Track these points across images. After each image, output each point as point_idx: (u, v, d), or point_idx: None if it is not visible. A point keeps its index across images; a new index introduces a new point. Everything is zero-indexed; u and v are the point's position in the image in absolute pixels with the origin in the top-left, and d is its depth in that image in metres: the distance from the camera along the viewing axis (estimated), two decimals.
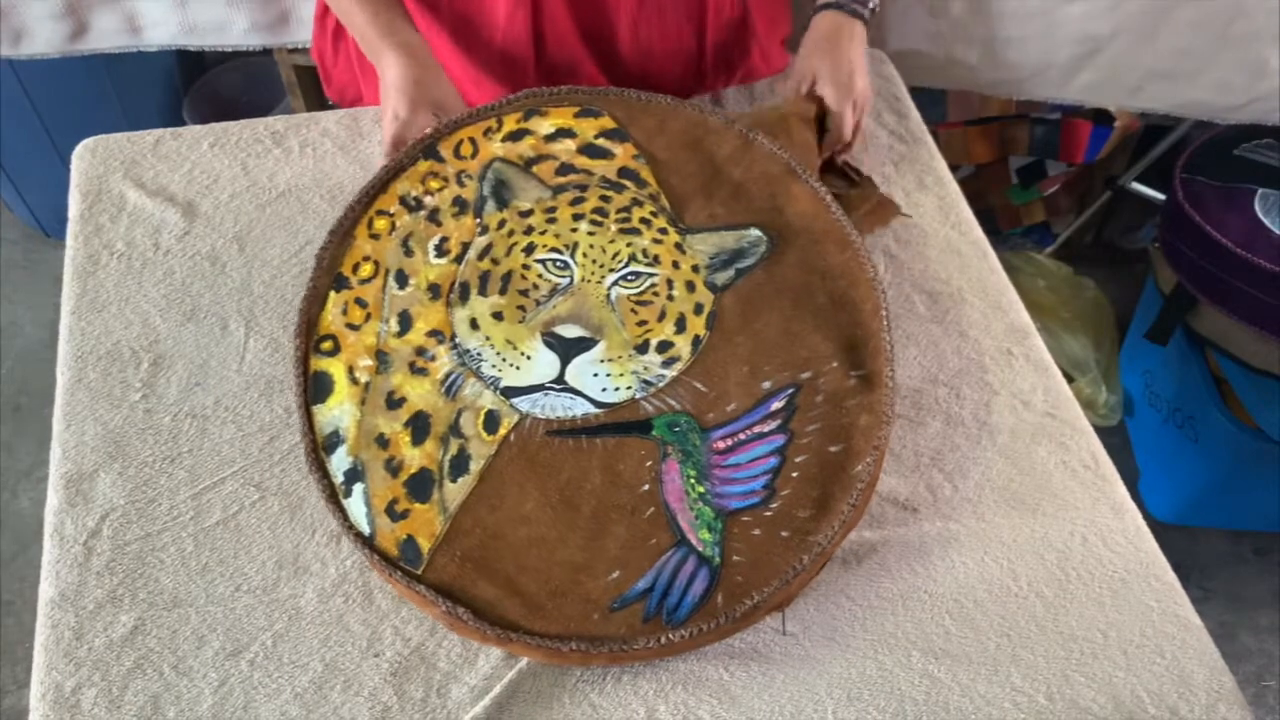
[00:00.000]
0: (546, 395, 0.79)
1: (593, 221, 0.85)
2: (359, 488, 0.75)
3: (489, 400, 0.79)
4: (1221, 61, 1.20)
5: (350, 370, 0.79)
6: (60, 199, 1.03)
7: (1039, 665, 0.75)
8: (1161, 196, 1.73)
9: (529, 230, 0.85)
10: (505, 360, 0.79)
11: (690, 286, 0.84)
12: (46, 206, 2.02)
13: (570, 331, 0.80)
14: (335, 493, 0.75)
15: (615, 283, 0.83)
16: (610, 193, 0.87)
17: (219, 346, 0.90)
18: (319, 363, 0.80)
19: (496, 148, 0.89)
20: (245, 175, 1.02)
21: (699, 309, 0.83)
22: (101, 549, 0.78)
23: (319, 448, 0.76)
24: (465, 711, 0.72)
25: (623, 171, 0.88)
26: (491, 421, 0.78)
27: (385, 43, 0.91)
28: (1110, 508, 0.83)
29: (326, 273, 0.83)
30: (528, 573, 0.72)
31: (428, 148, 0.89)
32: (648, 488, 0.76)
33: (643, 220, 0.86)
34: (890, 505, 0.82)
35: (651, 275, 0.83)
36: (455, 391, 0.79)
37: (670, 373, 0.80)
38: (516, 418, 0.78)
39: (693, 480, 0.76)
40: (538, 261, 0.83)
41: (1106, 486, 0.84)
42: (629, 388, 0.79)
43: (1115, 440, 1.78)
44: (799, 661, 0.75)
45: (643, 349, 0.81)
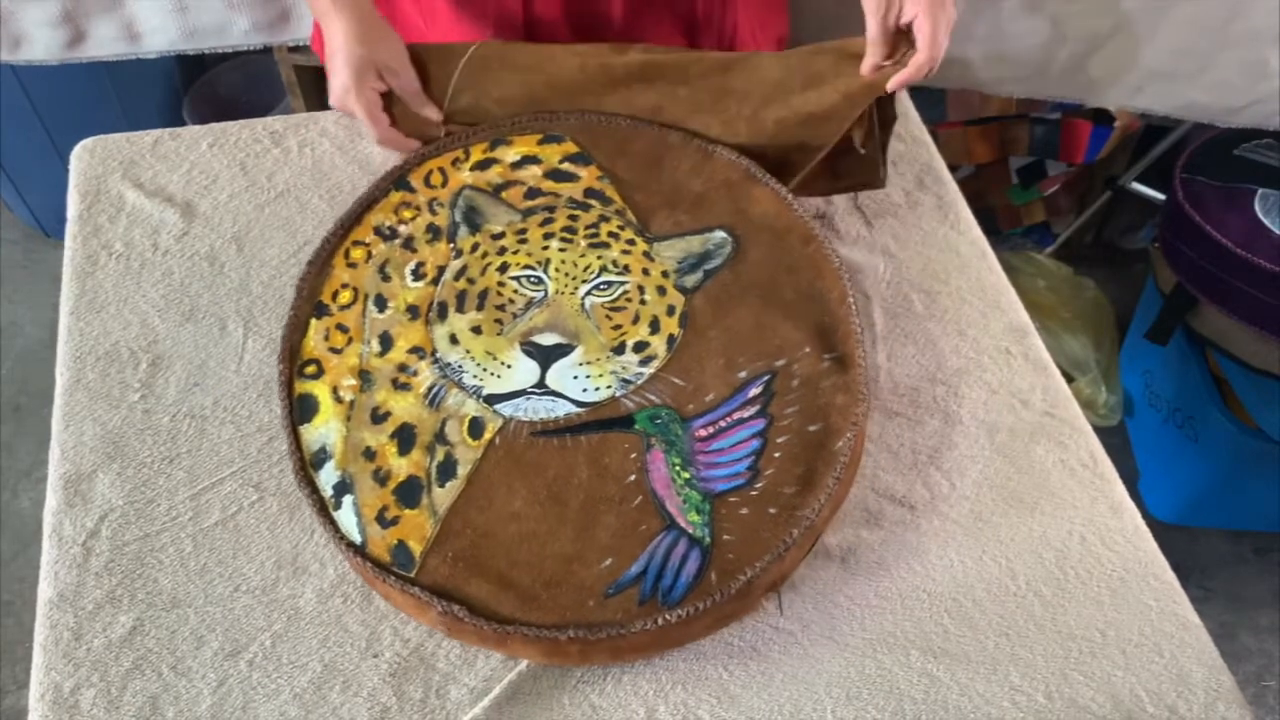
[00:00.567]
0: (529, 399, 0.80)
1: (563, 239, 0.88)
2: (348, 499, 0.76)
3: (472, 408, 0.79)
4: (1221, 62, 1.20)
5: (334, 390, 0.81)
6: (60, 199, 1.03)
7: (1038, 664, 0.75)
8: (1161, 196, 1.73)
9: (502, 250, 0.87)
10: (486, 370, 0.81)
11: (661, 290, 0.86)
12: (46, 206, 2.02)
13: (548, 339, 0.82)
14: (325, 506, 0.76)
15: (588, 292, 0.85)
16: (578, 211, 0.90)
17: (217, 347, 0.90)
18: (303, 385, 0.81)
19: (465, 176, 0.92)
20: (244, 175, 1.02)
21: (671, 310, 0.85)
22: (100, 549, 0.78)
23: (307, 464, 0.77)
24: (464, 712, 0.72)
25: (588, 192, 0.91)
26: (476, 427, 0.79)
27: (333, 5, 0.92)
28: (1109, 507, 0.83)
29: (307, 301, 0.85)
30: (520, 567, 0.73)
31: (398, 179, 0.92)
32: (634, 478, 0.76)
33: (610, 234, 0.88)
34: (888, 504, 0.83)
35: (623, 283, 0.85)
36: (439, 402, 0.80)
37: (648, 370, 0.81)
38: (501, 422, 0.79)
39: (678, 467, 0.76)
40: (512, 278, 0.86)
41: (1105, 485, 0.84)
42: (609, 387, 0.80)
43: (1115, 440, 1.78)
44: (798, 660, 0.75)
45: (619, 350, 0.82)
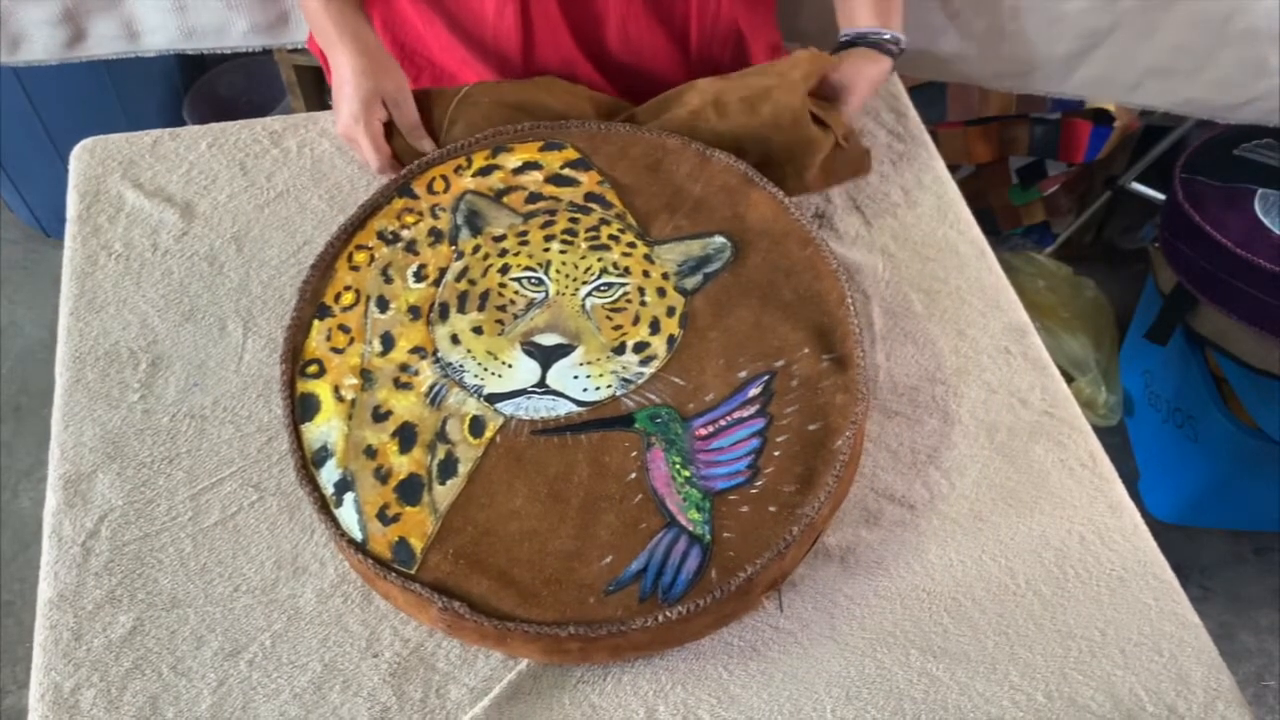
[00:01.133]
0: (529, 398, 0.80)
1: (563, 241, 0.88)
2: (349, 497, 0.76)
3: (473, 407, 0.80)
4: (1221, 59, 1.20)
5: (336, 389, 0.81)
6: (60, 199, 1.03)
7: (1037, 663, 0.75)
8: (1161, 196, 1.73)
9: (503, 252, 0.88)
10: (487, 370, 0.81)
11: (661, 292, 0.86)
12: (46, 206, 2.02)
13: (548, 339, 0.82)
14: (326, 503, 0.76)
15: (589, 294, 0.85)
16: (579, 215, 0.90)
17: (217, 347, 0.90)
18: (305, 385, 0.81)
19: (467, 182, 0.93)
20: (243, 175, 1.02)
21: (671, 311, 0.85)
22: (100, 550, 0.78)
23: (308, 462, 0.78)
24: (464, 712, 0.72)
25: (589, 196, 0.92)
26: (477, 426, 0.79)
27: (339, 36, 0.94)
28: (1108, 506, 0.83)
29: (310, 303, 0.85)
30: (521, 564, 0.73)
31: (402, 186, 0.93)
32: (634, 476, 0.77)
33: (611, 237, 0.89)
34: (888, 503, 0.83)
35: (623, 284, 0.86)
36: (440, 401, 0.80)
37: (648, 370, 0.82)
38: (501, 420, 0.79)
39: (678, 465, 0.77)
40: (513, 280, 0.86)
41: (1104, 485, 0.84)
42: (609, 386, 0.81)
43: (1115, 440, 1.78)
44: (797, 660, 0.75)
45: (620, 350, 0.82)
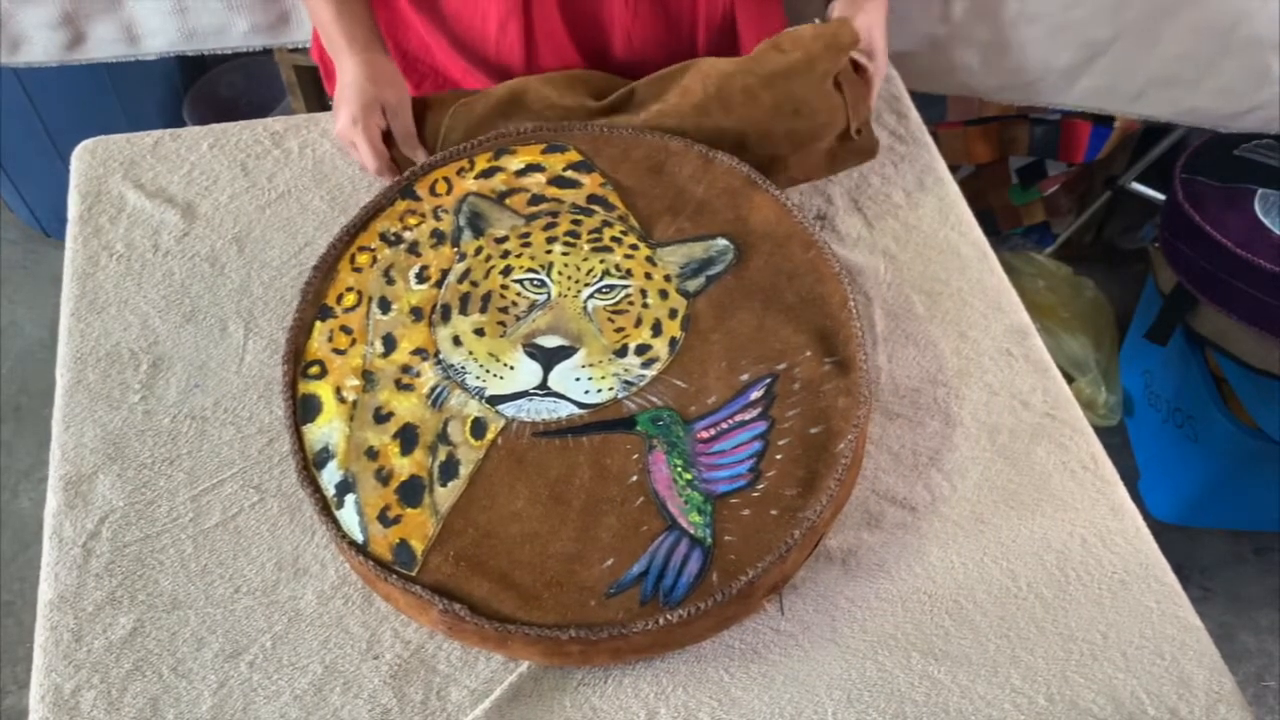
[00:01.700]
0: (531, 400, 0.80)
1: (566, 243, 0.88)
2: (350, 498, 0.76)
3: (475, 408, 0.80)
4: (1223, 68, 1.20)
5: (338, 390, 0.81)
6: (60, 199, 1.03)
7: (1038, 666, 0.75)
8: (1161, 196, 1.73)
9: (505, 254, 0.88)
10: (489, 371, 0.81)
11: (663, 294, 0.86)
12: (46, 206, 2.02)
13: (550, 341, 0.82)
14: (328, 505, 0.76)
15: (591, 295, 0.85)
16: (581, 216, 0.90)
17: (218, 348, 0.90)
18: (307, 386, 0.81)
19: (470, 184, 0.93)
20: (245, 176, 1.02)
21: (673, 314, 0.85)
22: (100, 551, 0.78)
23: (309, 464, 0.78)
24: (465, 714, 0.72)
25: (591, 198, 0.92)
26: (479, 427, 0.79)
27: (346, 43, 0.96)
28: (1110, 508, 0.83)
29: (312, 304, 0.85)
30: (522, 567, 0.73)
31: (404, 188, 0.93)
32: (636, 479, 0.77)
33: (613, 239, 0.89)
34: (890, 505, 0.83)
35: (625, 287, 0.86)
36: (441, 403, 0.80)
37: (650, 373, 0.82)
38: (503, 422, 0.79)
39: (679, 468, 0.77)
40: (515, 281, 0.86)
41: (1106, 487, 0.84)
42: (611, 389, 0.81)
43: (1115, 440, 1.78)
44: (798, 662, 0.75)
45: (621, 353, 0.82)
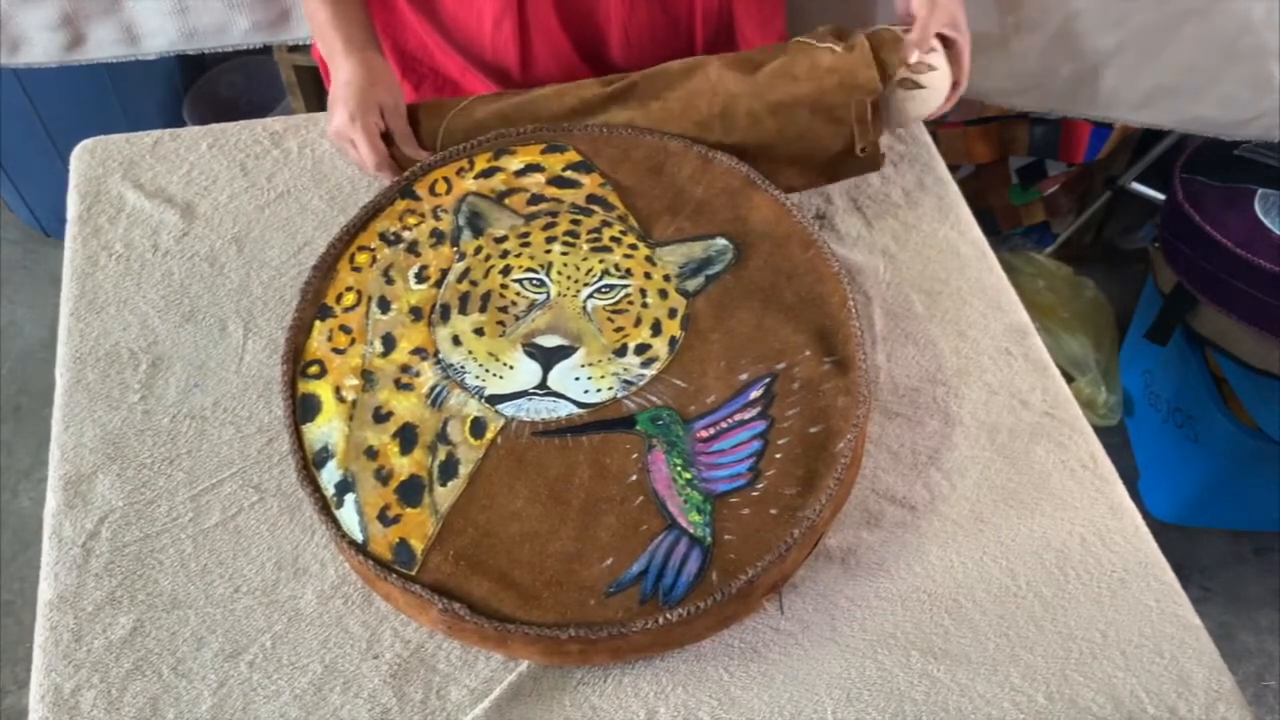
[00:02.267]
0: (531, 400, 0.80)
1: (565, 243, 0.88)
2: (350, 498, 0.76)
3: (474, 408, 0.80)
4: (1227, 77, 1.19)
5: (337, 390, 0.81)
6: (60, 199, 1.03)
7: (1038, 665, 0.75)
8: (1161, 196, 1.73)
9: (505, 254, 0.88)
10: (488, 371, 0.81)
11: (663, 294, 0.86)
12: (46, 206, 2.02)
13: (550, 341, 0.82)
14: (327, 504, 0.76)
15: (590, 295, 0.85)
16: (580, 216, 0.90)
17: (218, 348, 0.90)
18: (306, 385, 0.81)
19: (470, 184, 0.93)
20: (244, 176, 1.02)
21: (673, 313, 0.85)
22: (100, 550, 0.78)
23: (309, 463, 0.77)
24: (465, 713, 0.72)
25: (591, 198, 0.92)
26: (478, 427, 0.79)
27: (342, 44, 0.95)
28: (1109, 507, 0.83)
29: (311, 304, 0.85)
30: (521, 566, 0.73)
31: (404, 188, 0.93)
32: (635, 478, 0.77)
33: (613, 238, 0.89)
34: (889, 505, 0.83)
35: (625, 286, 0.86)
36: (441, 402, 0.80)
37: (650, 372, 0.82)
38: (503, 422, 0.79)
39: (679, 467, 0.77)
40: (515, 281, 0.86)
41: (1105, 486, 0.84)
42: (610, 388, 0.81)
43: (1115, 440, 1.78)
44: (798, 661, 0.75)
45: (621, 352, 0.82)
